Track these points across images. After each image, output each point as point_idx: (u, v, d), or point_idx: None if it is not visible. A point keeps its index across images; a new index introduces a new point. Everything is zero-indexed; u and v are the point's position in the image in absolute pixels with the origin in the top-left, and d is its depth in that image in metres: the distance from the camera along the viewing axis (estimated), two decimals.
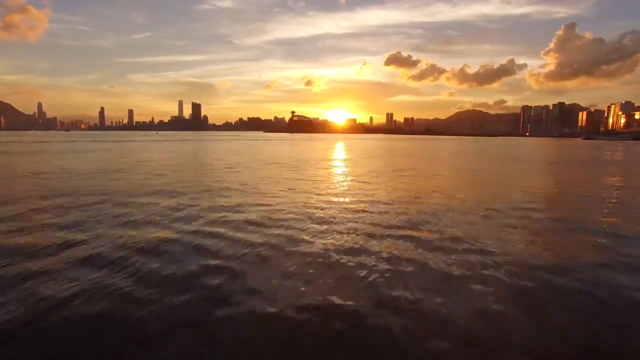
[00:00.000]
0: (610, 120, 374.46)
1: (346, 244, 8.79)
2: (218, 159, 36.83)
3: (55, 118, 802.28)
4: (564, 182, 23.41)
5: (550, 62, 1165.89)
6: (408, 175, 23.89)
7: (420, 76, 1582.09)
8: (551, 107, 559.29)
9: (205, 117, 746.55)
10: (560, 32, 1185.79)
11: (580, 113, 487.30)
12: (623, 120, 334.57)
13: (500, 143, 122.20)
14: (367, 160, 37.81)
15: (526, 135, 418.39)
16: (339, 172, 26.34)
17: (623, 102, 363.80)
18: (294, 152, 50.84)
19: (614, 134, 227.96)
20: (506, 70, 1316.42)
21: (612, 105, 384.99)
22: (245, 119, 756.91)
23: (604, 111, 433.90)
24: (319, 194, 15.86)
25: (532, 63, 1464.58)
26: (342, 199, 14.93)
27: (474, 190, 17.87)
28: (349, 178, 22.04)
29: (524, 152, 64.50)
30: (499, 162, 38.36)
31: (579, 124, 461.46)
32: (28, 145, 62.03)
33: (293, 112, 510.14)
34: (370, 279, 6.74)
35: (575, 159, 46.51)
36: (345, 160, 38.77)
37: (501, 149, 72.85)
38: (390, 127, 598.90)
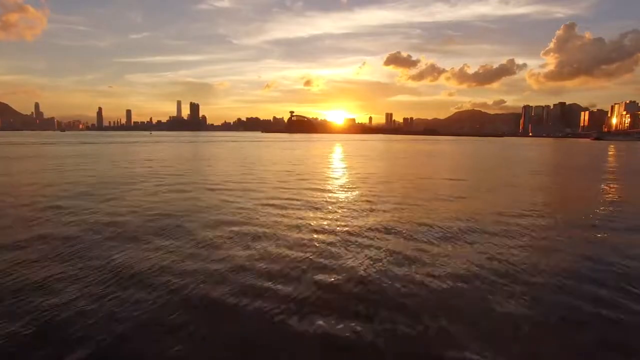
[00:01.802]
0: (614, 120, 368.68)
1: None
2: (184, 172, 30.52)
3: (52, 118, 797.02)
4: None
5: (550, 62, 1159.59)
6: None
7: (420, 76, 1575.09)
8: (552, 107, 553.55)
9: (204, 117, 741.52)
10: (560, 32, 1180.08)
11: (582, 113, 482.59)
12: (628, 120, 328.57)
13: (515, 143, 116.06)
14: (392, 179, 31.44)
15: (529, 136, 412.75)
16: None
17: (627, 101, 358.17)
18: (290, 166, 44.81)
19: (624, 134, 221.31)
20: (506, 70, 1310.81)
21: (616, 105, 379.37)
22: (243, 119, 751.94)
23: (607, 111, 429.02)
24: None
25: (532, 63, 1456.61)
26: None
27: None
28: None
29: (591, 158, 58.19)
30: None
31: (581, 124, 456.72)
32: None
33: (292, 112, 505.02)
34: None
35: None
36: (365, 189, 31.95)
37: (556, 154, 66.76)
38: (390, 127, 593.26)
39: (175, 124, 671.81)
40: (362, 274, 7.62)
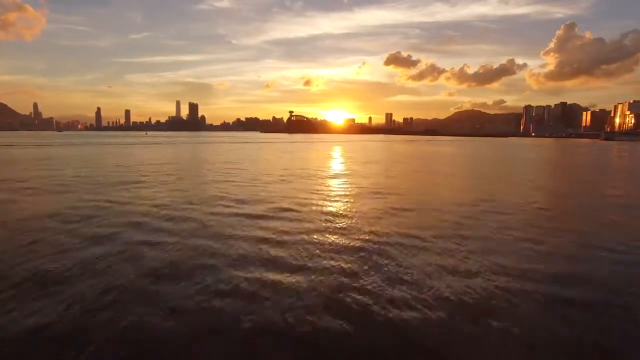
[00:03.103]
0: (618, 120, 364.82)
1: None
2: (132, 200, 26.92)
3: (51, 118, 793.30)
4: None
5: (550, 62, 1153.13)
6: None
7: (420, 76, 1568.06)
8: (553, 107, 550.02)
9: (203, 117, 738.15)
10: (560, 32, 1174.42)
11: (584, 113, 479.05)
12: (632, 120, 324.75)
13: (520, 144, 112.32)
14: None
15: (531, 136, 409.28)
16: None
17: (631, 101, 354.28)
18: (283, 188, 40.91)
19: (634, 134, 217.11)
20: (506, 70, 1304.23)
21: (620, 105, 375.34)
22: (243, 119, 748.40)
23: (609, 111, 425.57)
24: None
25: (532, 63, 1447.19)
26: None
27: None
28: None
29: None
30: None
31: (583, 124, 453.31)
32: None
33: (291, 112, 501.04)
34: None
35: None
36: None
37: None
38: (390, 127, 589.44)
39: (174, 124, 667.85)
40: None
